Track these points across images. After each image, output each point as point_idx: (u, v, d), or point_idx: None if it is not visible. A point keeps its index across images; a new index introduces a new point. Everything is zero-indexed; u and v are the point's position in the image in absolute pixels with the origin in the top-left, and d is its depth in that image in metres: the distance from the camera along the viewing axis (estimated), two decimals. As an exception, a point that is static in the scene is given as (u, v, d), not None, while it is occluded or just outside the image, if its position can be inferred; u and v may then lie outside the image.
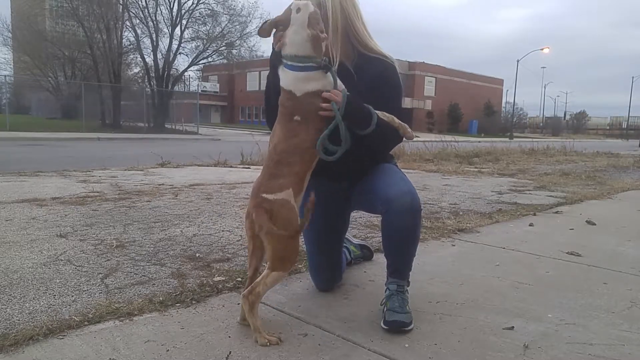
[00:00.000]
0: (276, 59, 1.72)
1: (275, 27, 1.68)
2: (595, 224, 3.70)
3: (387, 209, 1.75)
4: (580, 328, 1.80)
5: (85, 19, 26.73)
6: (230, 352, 1.53)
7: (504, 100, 62.02)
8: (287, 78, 1.67)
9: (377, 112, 1.74)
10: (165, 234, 2.99)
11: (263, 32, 1.71)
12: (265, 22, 1.71)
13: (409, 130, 1.84)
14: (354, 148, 1.71)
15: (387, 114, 1.78)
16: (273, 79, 1.76)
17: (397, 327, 1.70)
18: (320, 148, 1.65)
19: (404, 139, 1.87)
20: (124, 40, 27.99)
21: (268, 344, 1.59)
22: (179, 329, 1.70)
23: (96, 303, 1.88)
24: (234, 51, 29.52)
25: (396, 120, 1.80)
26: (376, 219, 3.46)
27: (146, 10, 27.18)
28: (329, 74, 1.67)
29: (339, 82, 1.68)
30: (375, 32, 1.96)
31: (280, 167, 1.64)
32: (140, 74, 31.49)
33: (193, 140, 20.14)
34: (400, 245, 1.82)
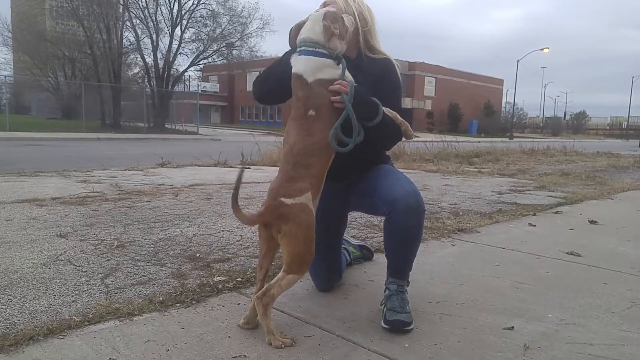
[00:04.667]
0: (290, 53, 1.78)
1: (298, 29, 1.77)
2: (597, 223, 3.71)
3: (392, 209, 1.75)
4: (580, 328, 1.80)
5: (85, 19, 26.73)
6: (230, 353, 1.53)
7: (504, 100, 62.05)
8: (299, 63, 1.71)
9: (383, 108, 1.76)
10: (165, 234, 2.99)
11: (292, 39, 1.79)
12: (291, 29, 1.80)
13: (411, 129, 1.86)
14: (354, 153, 1.72)
15: (391, 110, 1.80)
16: (284, 67, 1.78)
17: (398, 327, 1.70)
18: (333, 140, 1.66)
19: (404, 138, 1.89)
20: (124, 40, 28.02)
21: (282, 346, 1.57)
22: (179, 329, 1.70)
23: (96, 303, 1.88)
24: (234, 51, 29.54)
25: (399, 117, 1.83)
26: (376, 219, 3.46)
27: (146, 10, 27.20)
28: (339, 65, 1.69)
29: (347, 73, 1.70)
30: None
31: (298, 168, 1.64)
32: (140, 74, 31.50)
33: (193, 140, 20.16)
34: (403, 246, 1.82)
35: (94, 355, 1.49)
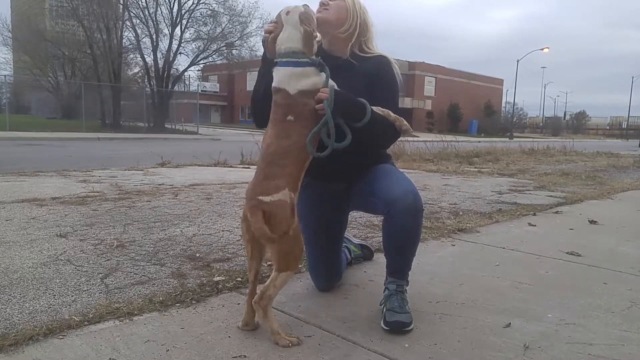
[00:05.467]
0: (268, 65, 1.75)
1: (274, 40, 1.72)
2: (597, 223, 3.71)
3: (390, 209, 1.75)
4: (580, 328, 1.80)
5: (85, 19, 26.69)
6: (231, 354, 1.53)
7: (504, 100, 62.02)
8: (281, 76, 1.67)
9: (372, 107, 1.74)
10: (165, 234, 2.99)
11: (269, 49, 1.75)
12: (263, 40, 1.77)
13: (406, 123, 1.84)
14: (351, 149, 1.72)
15: (382, 109, 1.79)
16: (264, 76, 1.77)
17: (398, 328, 1.70)
18: (309, 145, 1.64)
19: (401, 133, 1.87)
20: (124, 40, 28.01)
21: (290, 345, 1.57)
22: (179, 329, 1.70)
23: (96, 303, 1.88)
24: (234, 51, 29.51)
25: (392, 114, 1.81)
26: (376, 219, 3.46)
27: (146, 10, 27.17)
28: (322, 72, 1.67)
29: (330, 81, 1.68)
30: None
31: (273, 167, 1.63)
32: (140, 74, 31.48)
33: (193, 140, 20.15)
34: (402, 245, 1.82)
35: (94, 355, 1.49)
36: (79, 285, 2.07)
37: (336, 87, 1.68)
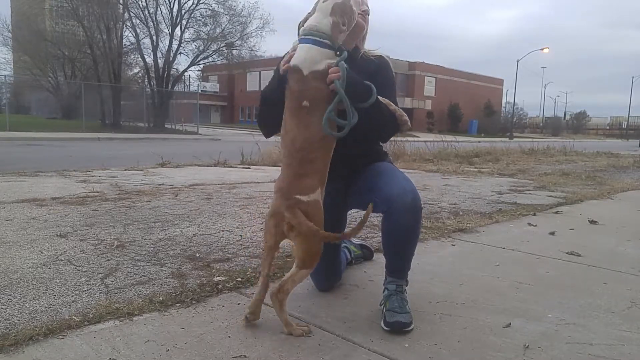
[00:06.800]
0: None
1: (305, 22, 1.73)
2: (597, 223, 3.71)
3: (389, 207, 1.75)
4: (580, 328, 1.80)
5: (85, 19, 26.72)
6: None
7: (504, 100, 62.03)
8: (299, 53, 1.68)
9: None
10: (165, 234, 2.99)
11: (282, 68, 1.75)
12: (299, 23, 1.76)
13: (406, 116, 1.85)
14: (351, 146, 1.72)
15: (384, 98, 1.80)
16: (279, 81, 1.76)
17: (398, 328, 1.70)
18: (326, 125, 1.64)
19: (400, 125, 1.87)
20: (124, 40, 28.04)
21: (303, 334, 1.65)
22: (179, 329, 1.70)
23: (96, 303, 1.88)
24: (234, 51, 29.53)
25: (392, 104, 1.83)
26: (376, 219, 3.46)
27: (146, 11, 27.20)
28: (339, 58, 1.68)
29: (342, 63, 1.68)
30: (371, 32, 2.08)
31: (304, 164, 1.65)
32: (140, 74, 31.50)
33: (193, 140, 20.16)
34: (401, 245, 1.82)
35: (94, 355, 1.49)
36: (79, 285, 2.07)
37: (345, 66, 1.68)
